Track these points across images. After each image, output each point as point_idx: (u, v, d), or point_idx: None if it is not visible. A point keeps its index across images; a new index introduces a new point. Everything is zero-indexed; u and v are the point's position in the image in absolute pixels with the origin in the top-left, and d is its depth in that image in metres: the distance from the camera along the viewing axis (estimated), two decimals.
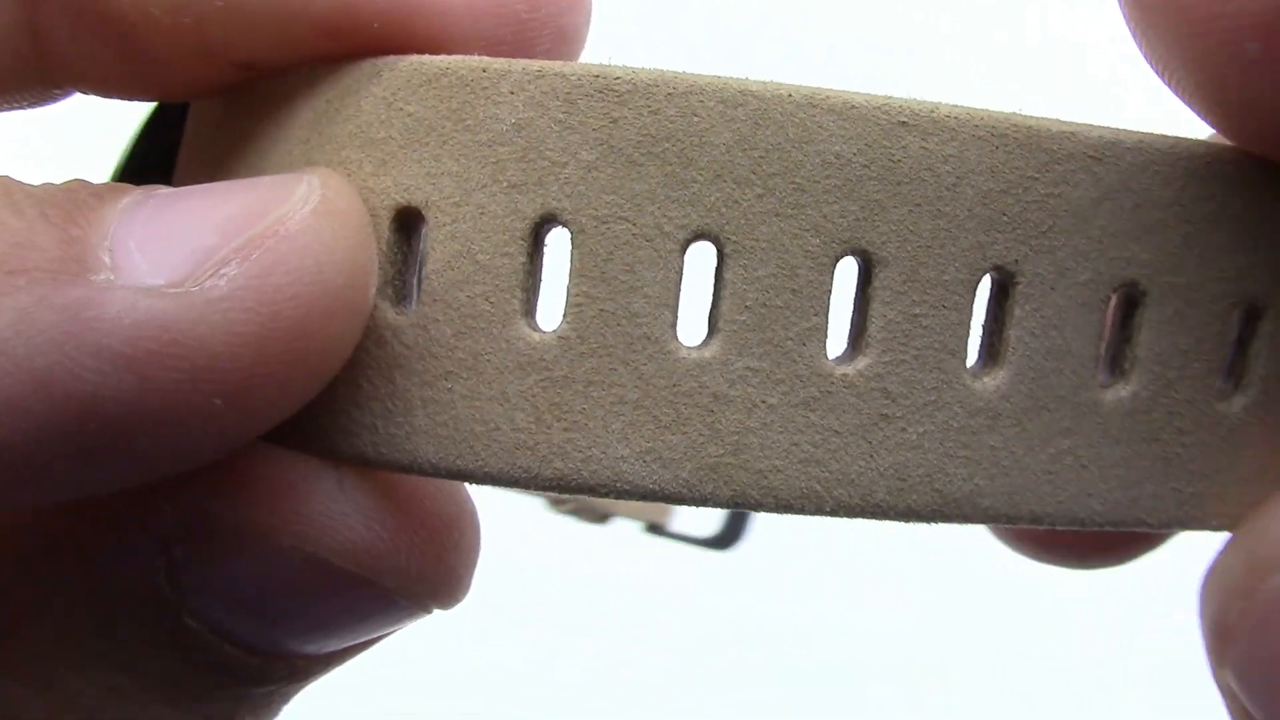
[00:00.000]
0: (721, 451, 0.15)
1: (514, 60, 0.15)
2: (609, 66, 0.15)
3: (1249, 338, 0.16)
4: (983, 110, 0.15)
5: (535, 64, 0.15)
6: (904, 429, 0.15)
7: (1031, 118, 0.15)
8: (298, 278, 0.13)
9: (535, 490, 0.15)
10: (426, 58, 0.15)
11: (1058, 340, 0.15)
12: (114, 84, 0.16)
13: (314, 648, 0.16)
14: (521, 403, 0.15)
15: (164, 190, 0.14)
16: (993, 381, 0.15)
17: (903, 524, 0.16)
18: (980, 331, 0.16)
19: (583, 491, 0.15)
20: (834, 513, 0.15)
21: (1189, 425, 0.16)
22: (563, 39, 0.16)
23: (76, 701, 0.15)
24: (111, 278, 0.13)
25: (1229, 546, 0.16)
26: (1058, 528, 0.16)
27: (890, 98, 0.15)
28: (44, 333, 0.12)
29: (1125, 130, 0.15)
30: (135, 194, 0.14)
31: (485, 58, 0.15)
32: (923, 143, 0.14)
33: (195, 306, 0.13)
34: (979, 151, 0.15)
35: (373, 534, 0.15)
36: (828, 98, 0.14)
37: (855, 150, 0.14)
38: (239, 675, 0.16)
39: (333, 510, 0.15)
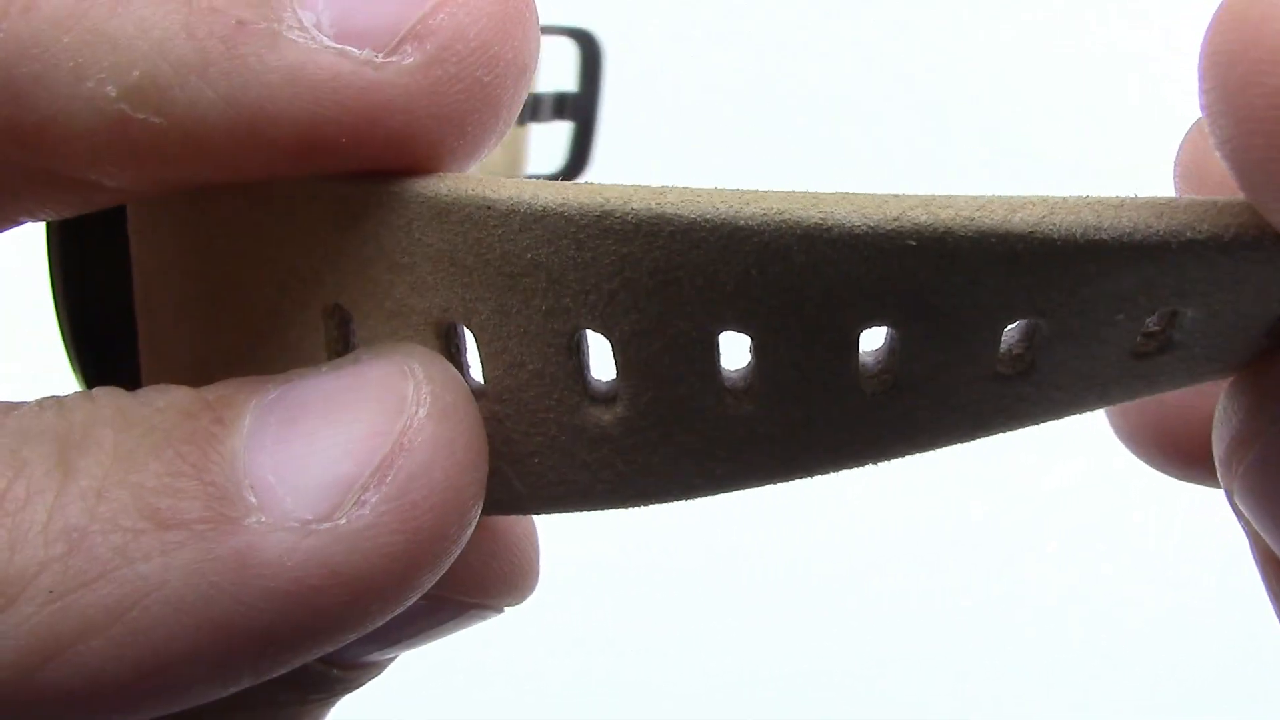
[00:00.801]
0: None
1: (512, 193, 0.15)
2: (604, 199, 0.15)
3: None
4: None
5: (537, 201, 0.15)
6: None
7: None
8: (430, 490, 0.14)
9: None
10: (429, 187, 0.15)
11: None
12: (65, 212, 0.16)
13: (393, 655, 0.18)
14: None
15: (274, 395, 0.15)
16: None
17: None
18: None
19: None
20: None
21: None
22: (521, 75, 0.16)
23: None
24: (263, 519, 0.13)
25: None
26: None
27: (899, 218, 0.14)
28: (215, 585, 0.13)
29: None
30: (252, 411, 0.14)
31: (487, 190, 0.15)
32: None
33: (347, 539, 0.13)
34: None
35: (479, 563, 0.17)
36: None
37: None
38: (319, 687, 0.17)
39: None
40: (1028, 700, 0.54)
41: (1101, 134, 0.62)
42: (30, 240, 0.18)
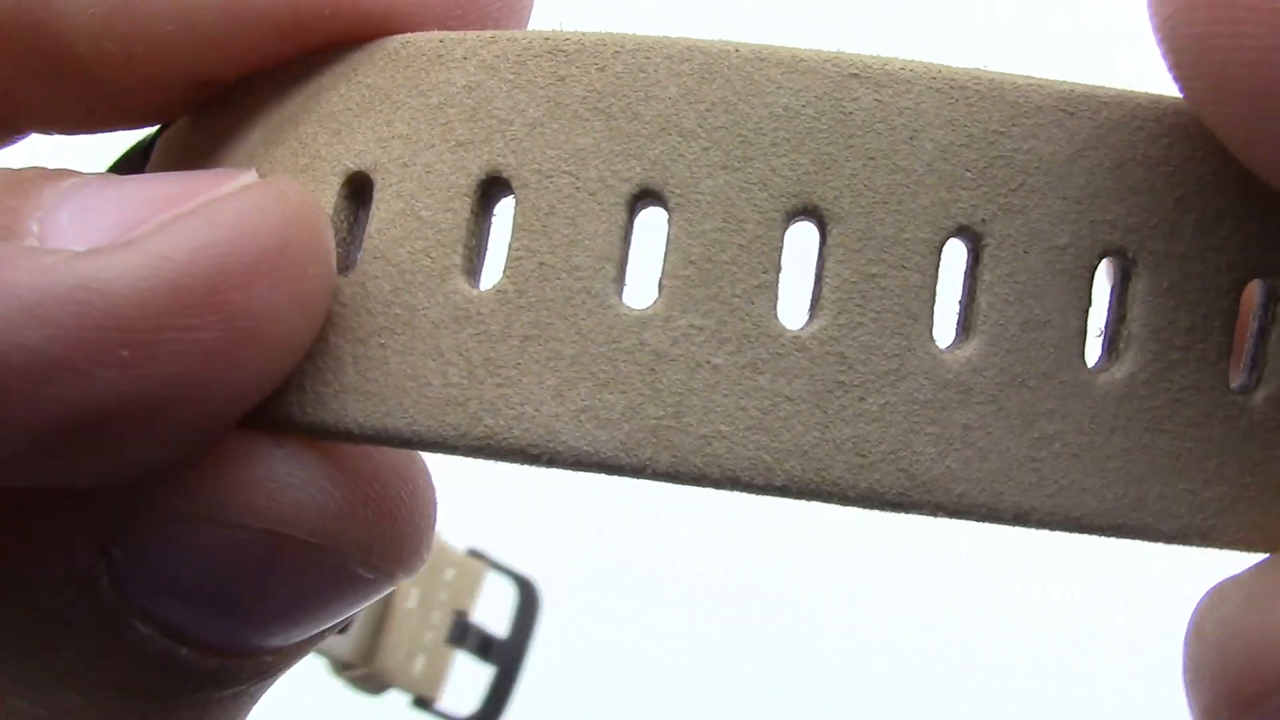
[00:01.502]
0: (662, 413, 0.14)
1: (472, 31, 0.15)
2: (561, 30, 0.15)
3: (1269, 323, 0.14)
4: (941, 64, 0.14)
5: (490, 32, 0.15)
6: (863, 398, 0.14)
7: (994, 71, 0.14)
8: (217, 236, 0.13)
9: (464, 453, 0.14)
10: (391, 36, 0.15)
11: (1035, 310, 0.14)
12: (72, 121, 0.16)
13: (278, 639, 0.15)
14: (455, 357, 0.14)
15: (115, 176, 0.14)
16: (964, 353, 0.14)
17: (869, 511, 0.13)
18: (956, 300, 0.14)
19: (514, 455, 0.14)
20: (786, 489, 0.14)
21: (1199, 417, 0.14)
22: (511, 9, 0.16)
23: None
24: (36, 244, 0.13)
25: (1260, 570, 0.13)
26: (1051, 530, 0.13)
27: (841, 52, 0.14)
28: None
29: (1102, 86, 0.14)
30: (84, 176, 0.14)
31: (445, 31, 0.15)
32: (875, 94, 0.14)
33: (104, 257, 0.13)
34: (937, 104, 0.14)
35: (324, 496, 0.15)
36: (775, 52, 0.14)
37: (804, 103, 0.14)
38: (201, 679, 0.15)
39: (277, 475, 0.14)
40: (1028, 700, 0.52)
41: None
42: None
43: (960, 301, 0.14)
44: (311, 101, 0.15)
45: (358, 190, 0.15)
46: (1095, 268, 0.14)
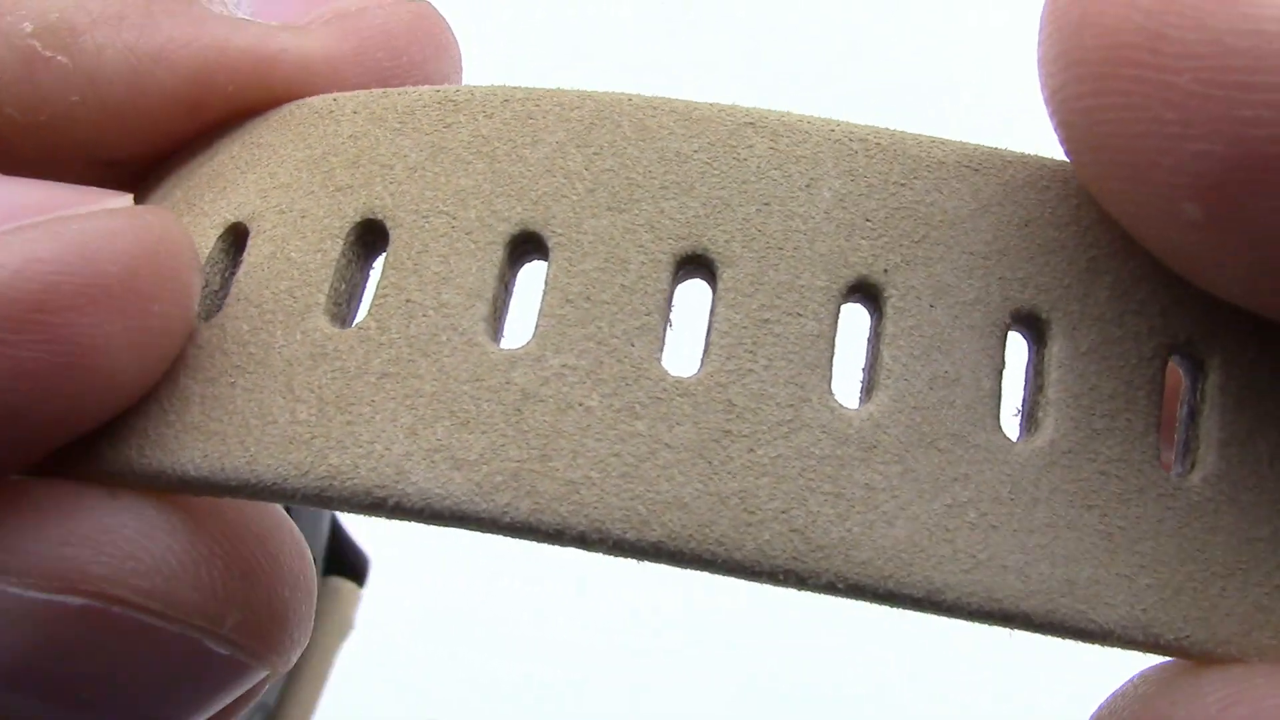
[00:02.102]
0: (525, 455, 0.12)
1: (365, 90, 0.15)
2: (453, 85, 0.15)
3: (1199, 404, 0.13)
4: (839, 119, 0.14)
5: (383, 89, 0.14)
6: (752, 449, 0.12)
7: (895, 129, 0.14)
8: (56, 252, 0.12)
9: (305, 498, 0.13)
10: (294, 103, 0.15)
11: (944, 366, 0.13)
12: None
13: None
14: (306, 394, 0.13)
15: None
16: (867, 409, 0.13)
17: (759, 584, 0.12)
18: (861, 357, 0.13)
19: (359, 497, 0.12)
20: (662, 548, 0.12)
21: (1130, 493, 0.12)
22: (426, 79, 0.16)
23: None
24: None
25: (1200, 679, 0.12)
26: (972, 617, 0.12)
27: (737, 105, 0.14)
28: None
29: (1007, 148, 0.14)
30: None
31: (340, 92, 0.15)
32: (771, 143, 0.13)
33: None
34: (835, 154, 0.13)
35: (163, 553, 0.13)
36: (669, 102, 0.14)
37: (696, 148, 0.13)
38: None
39: (108, 528, 0.13)
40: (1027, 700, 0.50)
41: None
42: None
43: (866, 356, 0.13)
44: (203, 162, 0.15)
45: (236, 241, 0.14)
46: (1008, 327, 0.13)
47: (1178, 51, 0.11)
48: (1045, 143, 0.14)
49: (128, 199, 0.13)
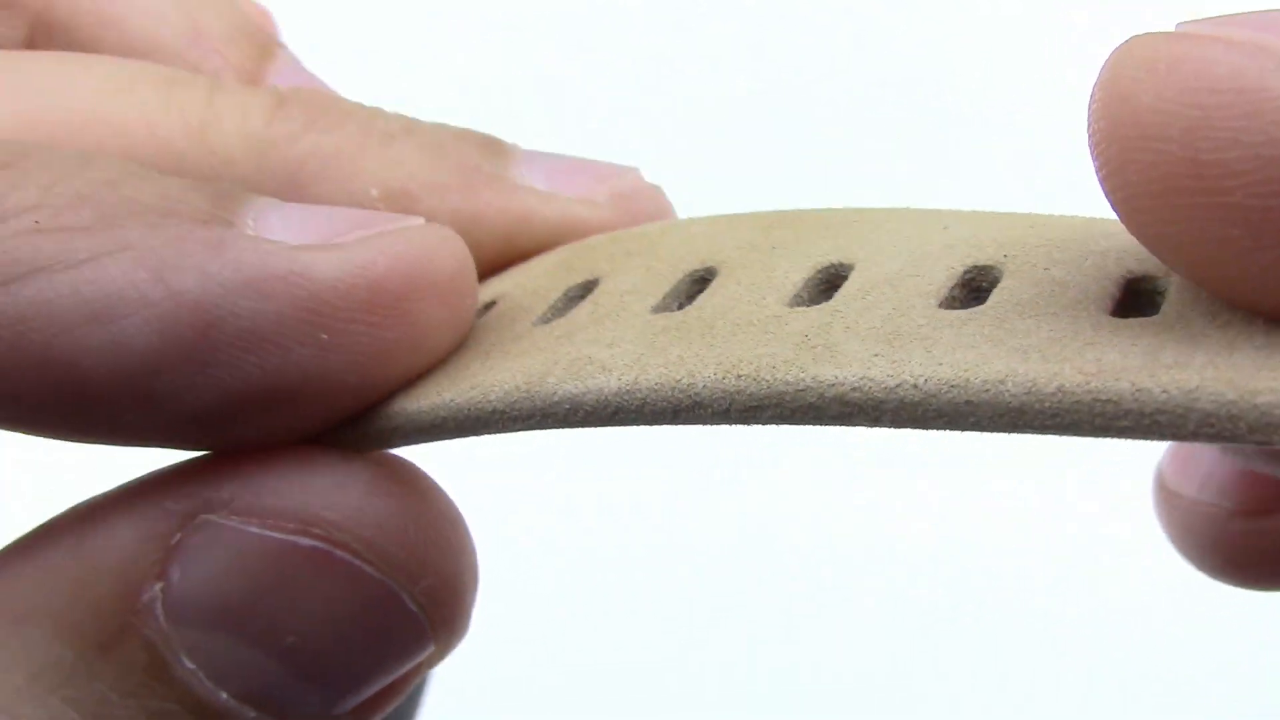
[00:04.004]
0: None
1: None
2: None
3: None
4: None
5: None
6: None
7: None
8: (410, 254, 0.15)
9: (563, 376, 0.15)
10: None
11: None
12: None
13: (322, 689, 0.15)
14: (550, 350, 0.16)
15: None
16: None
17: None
18: None
19: (604, 400, 0.15)
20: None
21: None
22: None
23: None
24: (254, 234, 0.14)
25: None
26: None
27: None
28: (189, 259, 0.14)
29: None
30: (274, 198, 0.16)
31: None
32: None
33: (318, 250, 0.14)
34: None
35: (382, 509, 0.15)
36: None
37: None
38: None
39: (340, 483, 0.15)
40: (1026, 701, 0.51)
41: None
42: None
43: None
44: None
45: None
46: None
47: (1221, 173, 0.11)
48: (1044, 146, 0.14)
49: (422, 219, 0.16)
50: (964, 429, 0.13)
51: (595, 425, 0.15)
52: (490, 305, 0.17)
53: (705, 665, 0.54)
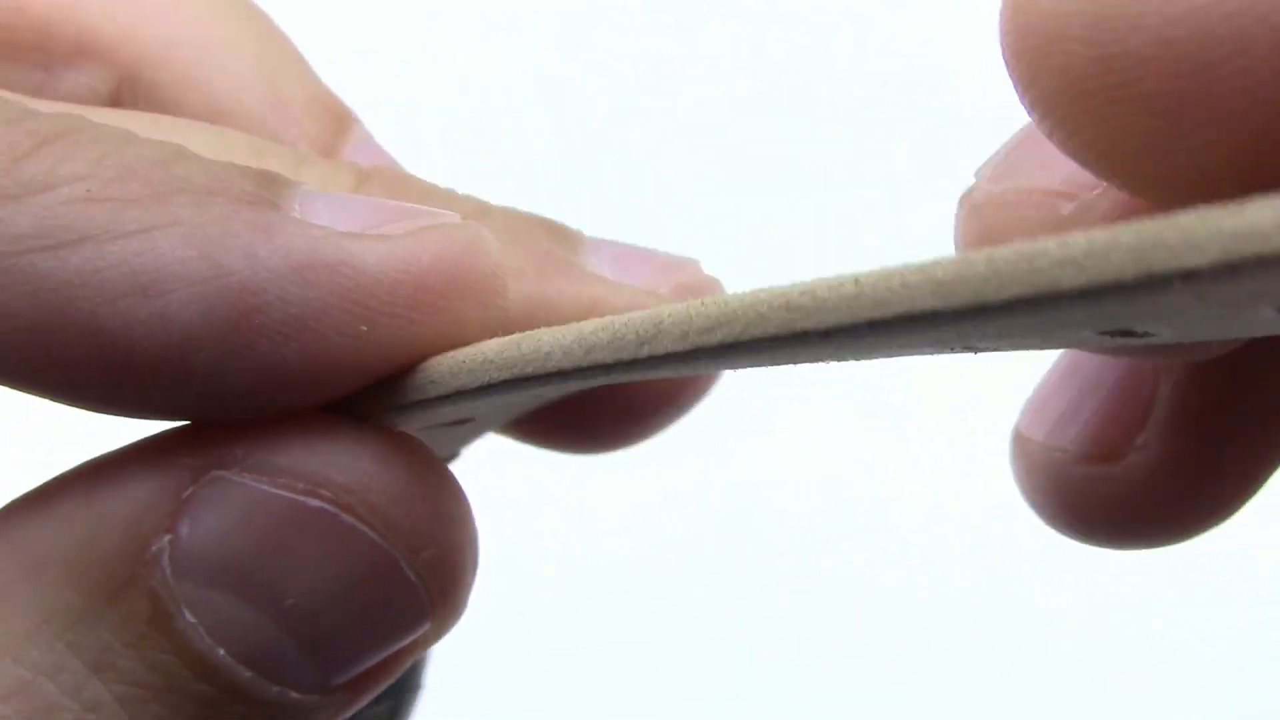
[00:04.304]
0: None
1: None
2: None
3: None
4: None
5: None
6: None
7: None
8: (453, 251, 0.15)
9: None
10: None
11: None
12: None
13: (317, 658, 0.15)
14: None
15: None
16: None
17: None
18: None
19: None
20: None
21: None
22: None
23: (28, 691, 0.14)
24: (300, 218, 0.14)
25: None
26: None
27: None
28: (236, 239, 0.14)
29: None
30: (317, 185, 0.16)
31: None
32: None
33: (365, 241, 0.14)
34: None
35: (391, 479, 0.15)
36: None
37: None
38: (236, 695, 0.15)
39: (352, 449, 0.15)
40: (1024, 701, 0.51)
41: None
42: None
43: None
44: None
45: None
46: None
47: (1128, 63, 0.12)
48: None
49: (456, 215, 0.16)
50: None
51: (574, 377, 0.15)
52: None
53: (700, 658, 0.54)
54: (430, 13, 0.55)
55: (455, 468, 0.17)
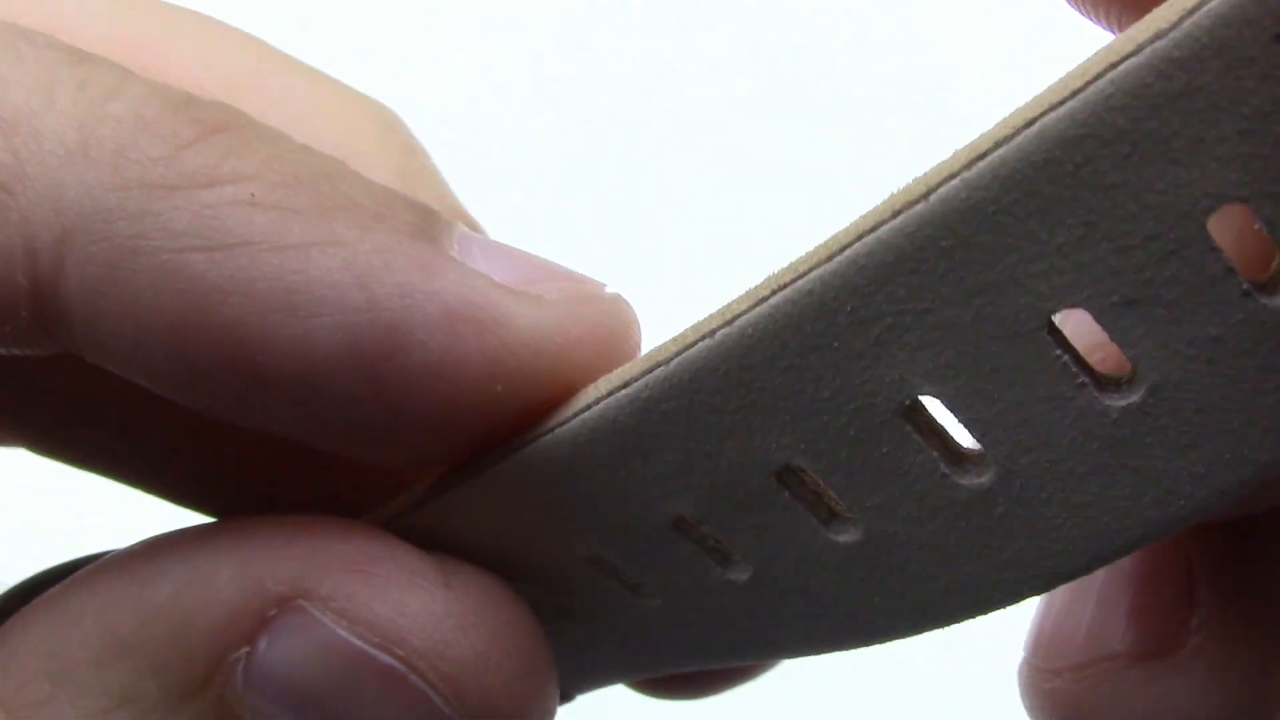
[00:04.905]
0: None
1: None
2: None
3: None
4: None
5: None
6: None
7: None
8: (604, 327, 0.15)
9: None
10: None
11: None
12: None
13: None
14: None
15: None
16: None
17: None
18: None
19: None
20: None
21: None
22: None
23: None
24: (457, 258, 0.14)
25: None
26: None
27: None
28: (395, 274, 0.13)
29: None
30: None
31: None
32: None
33: (522, 301, 0.14)
34: None
35: (468, 649, 0.15)
36: None
37: None
38: None
39: (434, 610, 0.15)
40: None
41: None
42: None
43: None
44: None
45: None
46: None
47: None
48: None
49: (607, 284, 0.16)
50: None
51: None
52: None
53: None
54: (430, 13, 0.55)
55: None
